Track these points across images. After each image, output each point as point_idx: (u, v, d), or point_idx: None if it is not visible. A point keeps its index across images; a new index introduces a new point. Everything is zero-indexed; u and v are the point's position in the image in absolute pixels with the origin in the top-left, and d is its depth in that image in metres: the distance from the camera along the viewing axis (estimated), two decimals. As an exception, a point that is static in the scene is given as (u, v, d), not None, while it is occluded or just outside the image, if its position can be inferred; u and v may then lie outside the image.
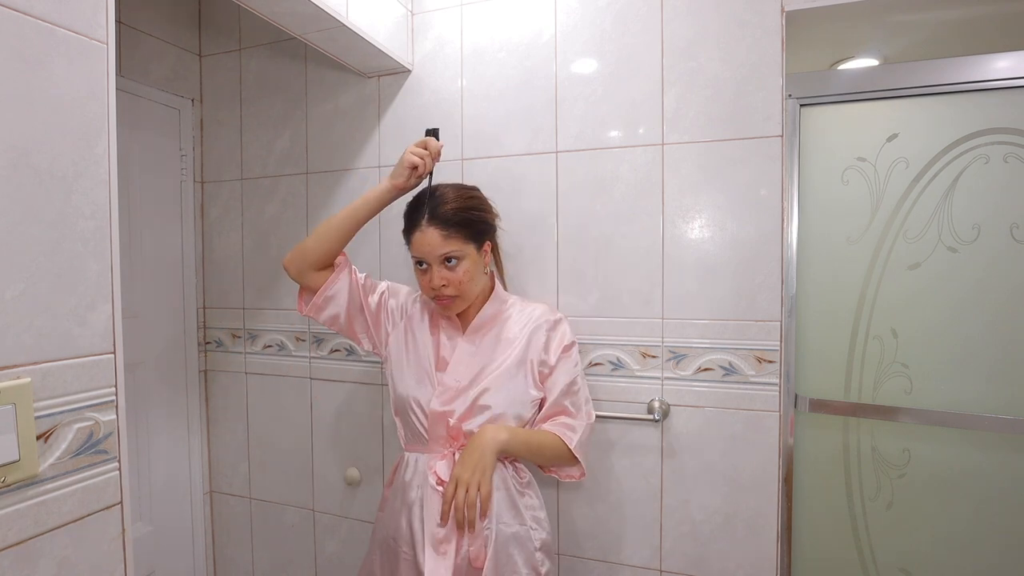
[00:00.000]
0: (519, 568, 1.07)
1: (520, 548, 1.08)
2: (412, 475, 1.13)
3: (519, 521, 1.10)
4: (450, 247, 1.07)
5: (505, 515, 1.08)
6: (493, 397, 1.10)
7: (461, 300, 1.11)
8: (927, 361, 1.28)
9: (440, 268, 1.08)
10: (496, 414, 1.10)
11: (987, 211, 1.23)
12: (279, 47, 1.66)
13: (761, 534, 1.26)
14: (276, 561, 1.74)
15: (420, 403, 1.12)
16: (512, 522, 1.09)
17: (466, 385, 1.11)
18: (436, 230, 1.06)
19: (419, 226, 1.08)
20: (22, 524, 0.67)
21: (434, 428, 1.11)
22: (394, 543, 1.13)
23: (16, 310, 0.66)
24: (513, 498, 1.10)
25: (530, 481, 1.16)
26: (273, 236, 1.69)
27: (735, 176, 1.25)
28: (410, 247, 1.11)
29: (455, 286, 1.08)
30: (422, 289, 1.14)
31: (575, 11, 1.36)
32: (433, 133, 1.17)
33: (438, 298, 1.11)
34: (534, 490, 1.16)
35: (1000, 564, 1.24)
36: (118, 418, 0.77)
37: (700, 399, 1.29)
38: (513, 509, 1.10)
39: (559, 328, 1.17)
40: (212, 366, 1.80)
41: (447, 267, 1.08)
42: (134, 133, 1.58)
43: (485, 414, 1.09)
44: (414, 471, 1.13)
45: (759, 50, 1.23)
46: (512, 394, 1.11)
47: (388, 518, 1.16)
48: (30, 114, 0.67)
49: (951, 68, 1.23)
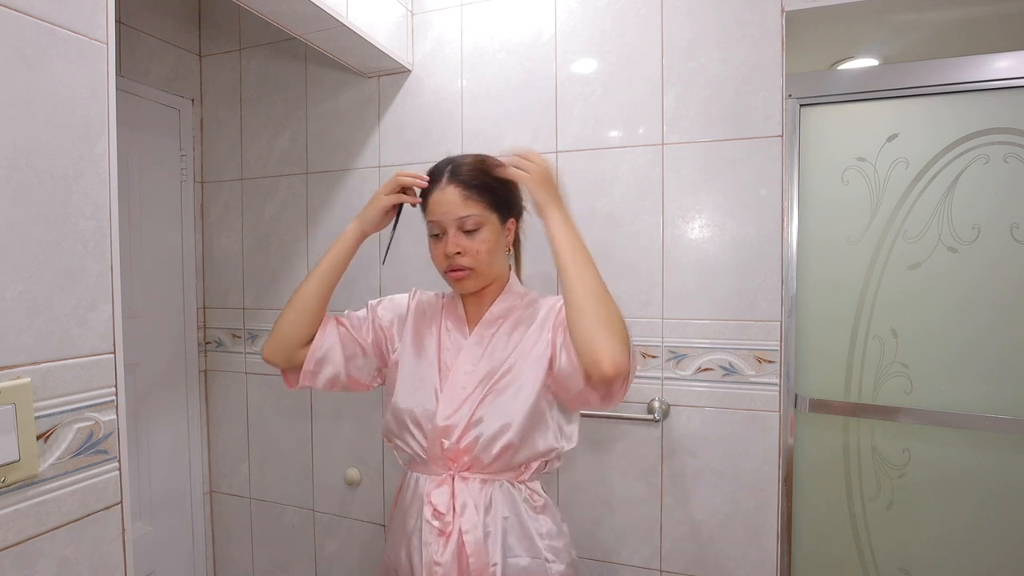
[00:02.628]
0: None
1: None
2: (411, 500, 0.99)
3: (531, 553, 0.93)
4: (470, 209, 0.93)
5: (515, 545, 0.93)
6: (500, 408, 0.93)
7: (476, 275, 0.96)
8: (927, 361, 1.28)
9: (457, 234, 0.94)
10: (501, 424, 0.93)
11: (987, 211, 1.23)
12: (279, 47, 1.66)
13: (761, 534, 1.26)
14: (276, 561, 1.74)
15: (417, 417, 0.97)
16: (523, 554, 0.93)
17: (470, 393, 0.95)
18: (457, 189, 0.94)
19: (438, 185, 0.95)
20: (22, 524, 0.66)
21: (432, 446, 0.95)
22: (395, 574, 1.00)
23: (16, 310, 0.66)
24: (525, 524, 0.94)
25: (546, 505, 0.99)
26: (273, 236, 1.69)
27: (735, 176, 1.25)
28: (426, 213, 0.98)
29: (472, 256, 0.94)
30: (435, 263, 0.99)
31: (575, 11, 1.36)
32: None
33: (451, 270, 0.96)
34: (551, 514, 0.98)
35: (1000, 564, 1.24)
36: (118, 418, 0.77)
37: (700, 399, 1.29)
38: (525, 538, 0.94)
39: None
40: (212, 366, 1.80)
41: (464, 233, 0.94)
42: (134, 133, 1.57)
43: (487, 428, 0.93)
44: (412, 495, 0.98)
45: (759, 50, 1.23)
46: (524, 404, 0.93)
47: (390, 547, 1.03)
48: (30, 114, 0.67)
49: (951, 68, 1.23)
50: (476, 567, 0.89)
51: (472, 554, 0.89)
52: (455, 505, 0.92)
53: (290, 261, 1.67)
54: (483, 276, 0.98)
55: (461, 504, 0.92)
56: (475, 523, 0.91)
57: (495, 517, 0.93)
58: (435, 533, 0.91)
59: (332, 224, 1.61)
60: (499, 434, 0.93)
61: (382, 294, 1.55)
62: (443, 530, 0.91)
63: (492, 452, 0.93)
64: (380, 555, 1.60)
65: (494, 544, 0.91)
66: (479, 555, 0.90)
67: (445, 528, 0.91)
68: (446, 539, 0.91)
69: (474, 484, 0.94)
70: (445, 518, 0.91)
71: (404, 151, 1.52)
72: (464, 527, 0.90)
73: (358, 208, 1.56)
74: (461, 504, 0.92)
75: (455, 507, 0.92)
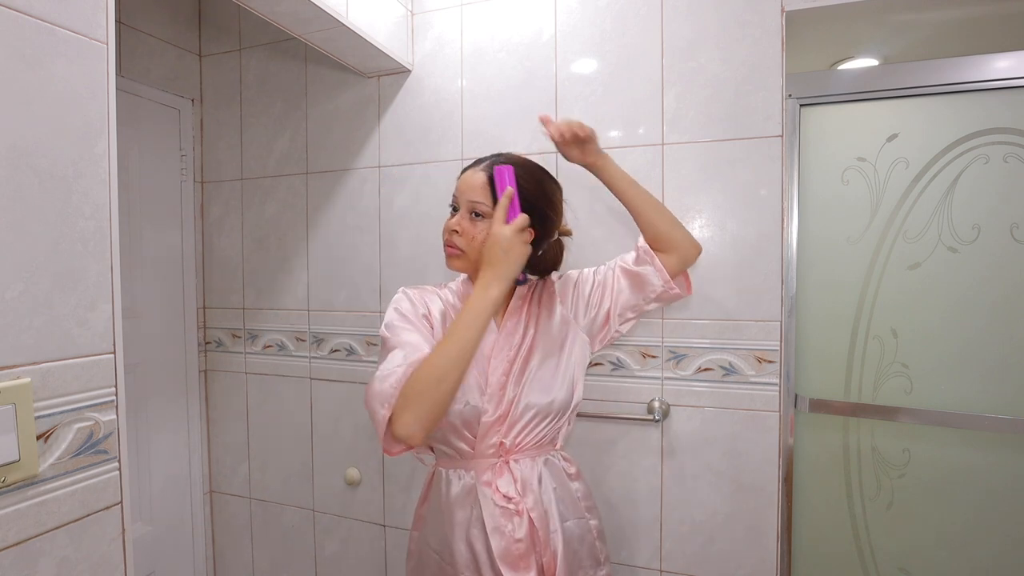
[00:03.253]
0: (585, 564, 1.02)
1: (582, 543, 1.03)
2: (459, 492, 1.00)
3: (576, 514, 1.04)
4: (484, 197, 0.96)
5: (565, 511, 1.02)
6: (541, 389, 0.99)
7: (465, 259, 0.99)
8: (927, 361, 1.28)
9: (464, 215, 0.99)
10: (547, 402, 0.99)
11: (987, 211, 1.23)
12: (279, 47, 1.66)
13: (761, 534, 1.26)
14: (276, 561, 1.74)
15: (466, 416, 0.97)
16: (571, 516, 1.03)
17: (508, 382, 0.99)
18: (484, 175, 0.98)
19: (477, 167, 1.01)
20: (22, 524, 0.66)
21: (482, 441, 0.98)
22: (451, 568, 1.00)
23: (16, 310, 0.66)
24: (568, 490, 1.04)
25: (579, 471, 1.08)
26: (273, 236, 1.69)
27: (735, 176, 1.25)
28: None
29: (468, 239, 0.98)
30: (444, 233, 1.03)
31: (575, 11, 1.36)
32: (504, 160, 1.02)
33: (445, 244, 1.01)
34: (583, 480, 1.08)
35: (1000, 564, 1.24)
36: (118, 418, 0.77)
37: (700, 399, 1.29)
38: (571, 503, 1.04)
39: (574, 274, 1.10)
40: (212, 366, 1.80)
41: (472, 217, 0.98)
42: (134, 133, 1.58)
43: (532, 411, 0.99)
44: (460, 489, 1.00)
45: (759, 50, 1.23)
46: (563, 378, 1.01)
47: (435, 539, 1.03)
48: (30, 114, 0.67)
49: (951, 68, 1.23)
50: (544, 537, 0.98)
51: (540, 527, 0.97)
52: (518, 487, 0.99)
53: (290, 261, 1.67)
54: (471, 262, 1.00)
55: (522, 484, 0.99)
56: (536, 499, 0.99)
57: (547, 489, 1.01)
58: (508, 515, 0.97)
59: (332, 224, 1.61)
60: (543, 412, 1.00)
61: (382, 294, 1.56)
62: (517, 511, 0.98)
63: (538, 432, 1.01)
64: (380, 555, 1.60)
65: (552, 514, 1.00)
66: (544, 527, 0.98)
67: (518, 508, 0.98)
68: (520, 518, 0.98)
69: (525, 464, 1.01)
70: (514, 499, 0.98)
71: (404, 151, 1.52)
72: (529, 505, 0.98)
73: (358, 208, 1.58)
74: (522, 484, 0.99)
75: (518, 489, 0.99)
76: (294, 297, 1.67)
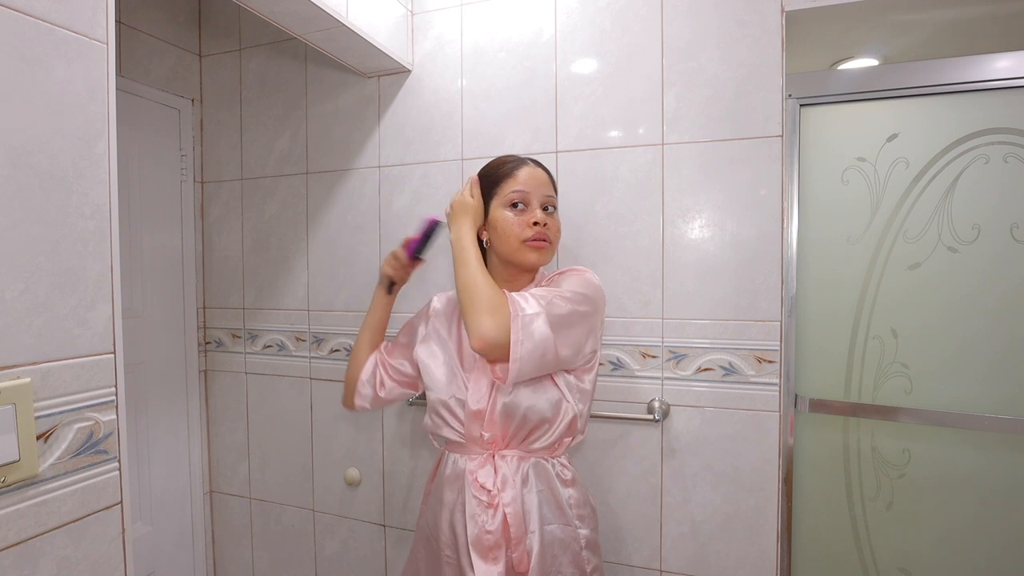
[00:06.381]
0: (565, 572, 1.02)
1: (565, 549, 1.03)
2: (451, 475, 1.06)
3: (563, 520, 1.04)
4: (552, 192, 1.06)
5: (549, 515, 1.02)
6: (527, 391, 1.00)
7: (551, 250, 1.05)
8: (927, 361, 1.28)
9: (539, 210, 1.03)
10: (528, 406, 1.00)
11: (987, 211, 1.23)
12: (279, 47, 1.66)
13: (761, 534, 1.26)
14: (276, 561, 1.74)
15: (451, 405, 1.05)
16: (556, 522, 1.03)
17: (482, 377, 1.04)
18: (545, 174, 1.06)
19: (526, 164, 1.05)
20: (22, 524, 0.67)
21: (469, 430, 1.04)
22: (436, 544, 1.08)
23: (16, 310, 0.66)
24: (557, 495, 1.04)
25: (574, 478, 1.08)
26: (273, 236, 1.69)
27: (735, 176, 1.25)
28: (509, 181, 1.03)
29: (553, 232, 1.04)
30: (513, 231, 1.01)
31: (575, 11, 1.36)
32: (431, 228, 1.14)
33: (536, 238, 1.01)
34: (578, 486, 1.08)
35: (1000, 564, 1.24)
36: (118, 418, 0.77)
37: (700, 399, 1.29)
38: (557, 508, 1.04)
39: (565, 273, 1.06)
40: (212, 366, 1.80)
41: (546, 212, 1.04)
42: (134, 133, 1.58)
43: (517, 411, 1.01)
44: (452, 471, 1.06)
45: (759, 50, 1.23)
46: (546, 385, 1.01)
47: (430, 514, 1.11)
48: (30, 114, 0.67)
49: (951, 68, 1.23)
50: (516, 535, 0.99)
51: (513, 525, 0.99)
52: (497, 481, 1.01)
53: (290, 261, 1.67)
54: (553, 254, 1.07)
55: (502, 479, 1.01)
56: (514, 496, 1.00)
57: (531, 490, 1.02)
58: (483, 506, 1.00)
59: (332, 224, 1.61)
60: (520, 416, 1.01)
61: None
62: (490, 503, 1.00)
63: (521, 433, 1.02)
64: (380, 555, 1.60)
65: (531, 514, 1.01)
66: (518, 525, 0.99)
67: (492, 501, 1.00)
68: (494, 510, 1.00)
69: (512, 461, 1.03)
70: (491, 492, 1.01)
71: (404, 151, 1.52)
72: (505, 500, 1.00)
73: (358, 208, 1.58)
74: (502, 479, 1.01)
75: (497, 483, 1.01)
76: (294, 297, 1.67)
